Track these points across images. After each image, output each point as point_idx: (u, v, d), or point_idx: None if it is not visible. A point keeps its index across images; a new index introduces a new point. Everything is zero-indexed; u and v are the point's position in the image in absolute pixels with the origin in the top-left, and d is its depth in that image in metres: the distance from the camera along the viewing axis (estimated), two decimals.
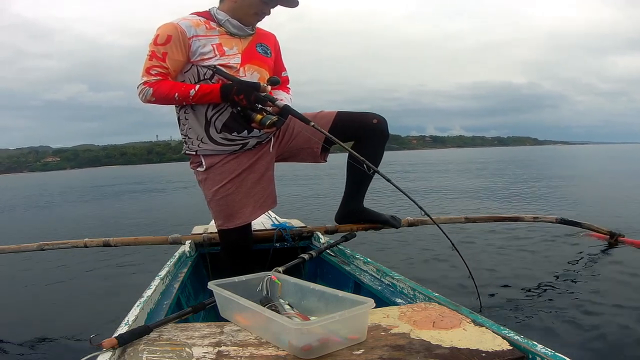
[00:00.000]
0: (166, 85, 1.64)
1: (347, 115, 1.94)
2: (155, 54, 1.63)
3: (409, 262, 3.03)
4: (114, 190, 14.70)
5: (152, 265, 2.43)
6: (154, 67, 1.63)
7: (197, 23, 1.67)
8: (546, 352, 0.86)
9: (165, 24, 1.64)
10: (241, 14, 1.69)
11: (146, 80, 1.64)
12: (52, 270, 3.47)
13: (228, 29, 1.71)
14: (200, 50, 1.65)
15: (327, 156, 2.03)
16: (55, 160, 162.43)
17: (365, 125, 1.93)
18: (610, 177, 10.53)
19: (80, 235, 3.57)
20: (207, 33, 1.67)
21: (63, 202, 11.23)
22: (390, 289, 1.42)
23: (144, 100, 1.66)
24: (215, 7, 1.74)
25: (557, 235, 3.50)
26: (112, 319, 1.34)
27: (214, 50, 1.66)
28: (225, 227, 1.78)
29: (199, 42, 1.65)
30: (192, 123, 1.76)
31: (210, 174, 1.78)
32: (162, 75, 1.65)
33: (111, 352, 0.91)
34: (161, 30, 1.63)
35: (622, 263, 2.72)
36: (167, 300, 1.39)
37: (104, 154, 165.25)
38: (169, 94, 1.64)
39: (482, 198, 6.87)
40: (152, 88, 1.64)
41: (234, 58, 1.69)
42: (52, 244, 2.34)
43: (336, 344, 0.91)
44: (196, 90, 1.63)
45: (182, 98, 1.65)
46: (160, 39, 1.62)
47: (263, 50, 1.80)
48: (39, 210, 9.39)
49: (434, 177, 12.27)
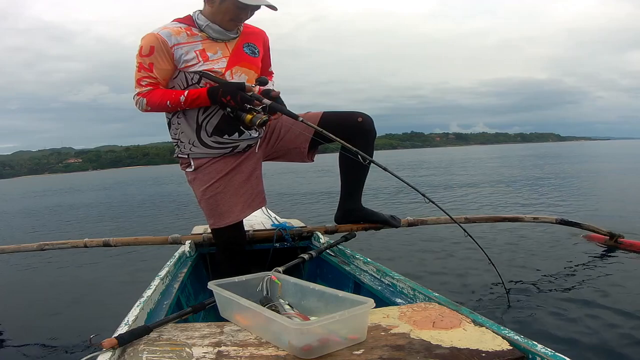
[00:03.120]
0: (157, 94, 1.67)
1: (333, 115, 1.95)
2: (142, 65, 1.65)
3: (409, 262, 3.04)
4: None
5: (152, 265, 2.43)
6: (144, 78, 1.66)
7: (178, 31, 1.67)
8: (546, 352, 0.86)
9: (147, 35, 1.65)
10: (218, 18, 1.69)
11: (139, 92, 1.68)
12: (52, 270, 3.47)
13: (209, 34, 1.70)
14: (183, 58, 1.66)
15: (314, 155, 2.04)
16: (78, 161, 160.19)
17: (350, 124, 1.93)
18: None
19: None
20: (188, 40, 1.67)
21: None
22: (390, 289, 1.42)
23: (142, 110, 1.70)
24: (198, 11, 1.73)
25: (557, 236, 3.50)
26: (112, 319, 1.33)
27: (198, 56, 1.67)
28: (217, 225, 1.80)
29: (181, 50, 1.66)
30: (183, 127, 1.78)
31: (199, 174, 1.82)
32: (153, 85, 1.68)
33: (111, 352, 0.91)
34: (144, 42, 1.64)
35: (621, 264, 2.72)
36: (167, 300, 1.39)
37: (126, 155, 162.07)
38: (162, 102, 1.67)
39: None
40: (146, 98, 1.67)
41: (219, 63, 1.70)
42: (52, 244, 2.34)
43: (336, 344, 0.91)
44: (185, 96, 1.65)
45: (175, 105, 1.68)
46: (144, 50, 1.64)
47: (250, 50, 1.79)
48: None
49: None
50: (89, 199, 12.19)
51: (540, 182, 8.77)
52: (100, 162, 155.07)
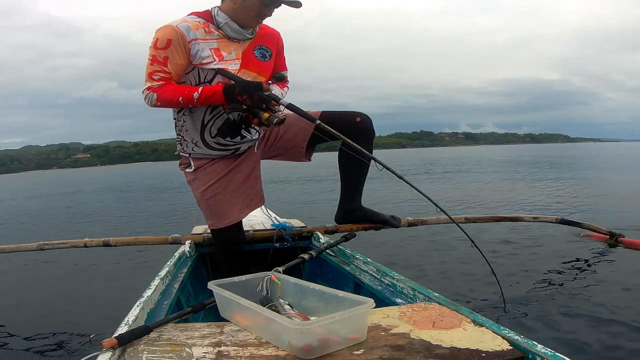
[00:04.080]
0: (169, 89, 1.63)
1: (331, 114, 1.92)
2: (156, 58, 1.60)
3: (409, 262, 3.03)
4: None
5: (152, 265, 2.43)
6: (156, 72, 1.61)
7: (197, 26, 1.64)
8: (546, 352, 0.86)
9: (165, 27, 1.61)
10: (241, 16, 1.65)
11: (150, 86, 1.63)
12: (52, 270, 3.47)
13: (227, 33, 1.67)
14: (199, 54, 1.63)
15: (312, 155, 2.03)
16: (86, 156, 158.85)
17: (349, 124, 1.91)
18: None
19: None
20: (205, 37, 1.64)
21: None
22: (390, 289, 1.42)
23: (150, 105, 1.65)
24: (216, 7, 1.70)
25: (557, 236, 3.50)
26: (112, 319, 1.33)
27: (212, 55, 1.64)
28: (216, 226, 1.80)
29: (198, 46, 1.63)
30: (188, 126, 1.76)
31: (198, 175, 1.81)
32: (165, 80, 1.63)
33: (111, 352, 0.91)
34: (160, 34, 1.60)
35: (621, 263, 2.73)
36: (167, 300, 1.39)
37: (135, 151, 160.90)
38: (173, 98, 1.62)
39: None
40: (156, 93, 1.62)
41: (232, 63, 1.68)
42: (52, 244, 2.34)
43: (336, 344, 0.91)
44: (199, 92, 1.61)
45: (187, 101, 1.63)
46: (161, 42, 1.59)
47: (261, 53, 1.76)
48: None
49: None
50: (93, 199, 12.14)
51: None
52: (109, 158, 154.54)
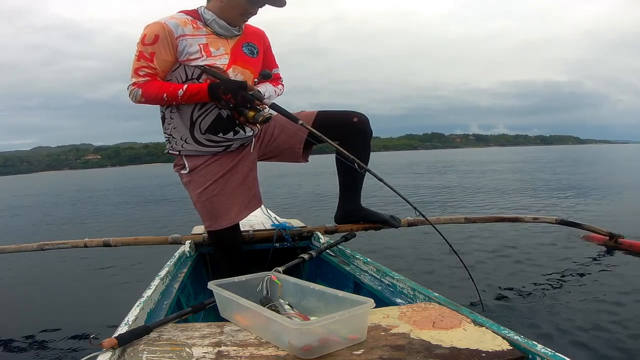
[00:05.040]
0: (155, 85, 1.64)
1: (328, 114, 1.92)
2: (143, 54, 1.62)
3: (409, 262, 3.03)
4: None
5: (152, 265, 2.43)
6: (142, 67, 1.63)
7: (185, 22, 1.65)
8: (546, 352, 0.86)
9: (153, 23, 1.62)
10: (227, 14, 1.67)
11: (135, 82, 1.64)
12: (52, 270, 3.47)
13: (214, 29, 1.69)
14: (187, 50, 1.64)
15: (308, 156, 2.02)
16: (96, 157, 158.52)
17: (346, 124, 1.91)
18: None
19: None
20: (194, 33, 1.66)
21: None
22: (390, 289, 1.42)
23: (135, 101, 1.66)
24: (203, 5, 1.72)
25: (557, 236, 3.50)
26: (112, 319, 1.33)
27: (201, 50, 1.65)
28: (212, 228, 1.79)
29: (186, 42, 1.64)
30: (176, 123, 1.76)
31: (194, 176, 1.79)
32: (151, 76, 1.64)
33: (111, 352, 0.91)
34: (148, 30, 1.61)
35: (621, 264, 2.73)
36: (167, 300, 1.39)
37: (145, 152, 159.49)
38: (158, 95, 1.63)
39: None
40: (141, 89, 1.63)
41: (221, 59, 1.68)
42: (52, 244, 2.34)
43: (336, 344, 0.90)
44: (184, 90, 1.62)
45: (171, 98, 1.64)
46: (148, 38, 1.60)
47: (249, 50, 1.78)
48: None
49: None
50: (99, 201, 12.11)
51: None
52: (119, 159, 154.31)
